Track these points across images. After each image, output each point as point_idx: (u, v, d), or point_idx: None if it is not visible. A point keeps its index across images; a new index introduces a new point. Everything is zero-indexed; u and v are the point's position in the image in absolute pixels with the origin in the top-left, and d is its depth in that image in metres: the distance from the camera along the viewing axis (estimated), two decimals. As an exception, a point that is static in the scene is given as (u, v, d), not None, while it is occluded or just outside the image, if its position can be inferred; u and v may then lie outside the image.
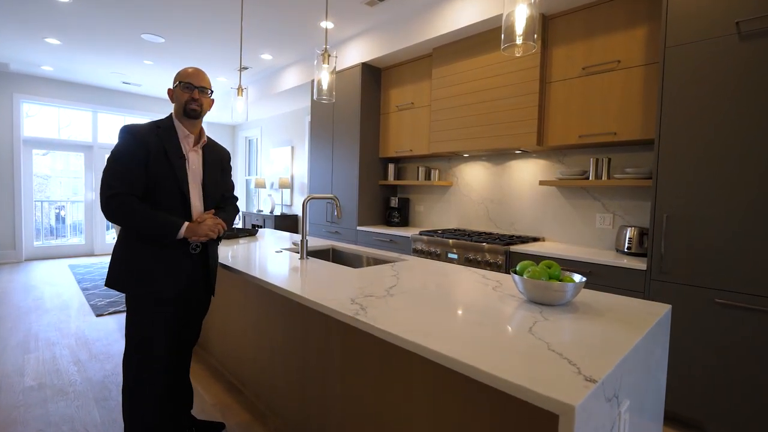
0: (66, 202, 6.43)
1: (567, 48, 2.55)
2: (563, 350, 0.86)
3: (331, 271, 1.63)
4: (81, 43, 4.41)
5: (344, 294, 1.28)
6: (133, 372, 1.46)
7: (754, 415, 1.73)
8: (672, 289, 1.94)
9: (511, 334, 0.95)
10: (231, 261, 1.81)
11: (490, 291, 1.37)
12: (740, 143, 1.75)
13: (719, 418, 1.82)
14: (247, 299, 2.18)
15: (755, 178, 1.71)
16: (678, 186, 1.92)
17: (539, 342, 0.90)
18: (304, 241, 1.89)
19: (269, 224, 5.92)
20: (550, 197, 2.94)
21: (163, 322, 1.47)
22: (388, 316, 1.05)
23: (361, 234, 3.73)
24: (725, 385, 1.80)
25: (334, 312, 1.10)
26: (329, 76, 1.98)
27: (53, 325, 3.17)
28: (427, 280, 1.53)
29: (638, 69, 2.26)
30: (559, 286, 1.16)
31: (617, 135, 2.34)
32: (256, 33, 3.98)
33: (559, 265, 1.24)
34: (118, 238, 1.48)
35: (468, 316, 1.08)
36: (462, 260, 2.79)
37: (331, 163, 4.11)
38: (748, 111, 1.73)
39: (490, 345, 0.88)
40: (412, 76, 3.57)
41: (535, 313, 1.13)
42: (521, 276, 1.24)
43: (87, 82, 6.05)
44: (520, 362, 0.79)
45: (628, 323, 1.06)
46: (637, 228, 2.33)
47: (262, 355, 2.05)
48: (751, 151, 1.72)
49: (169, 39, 4.21)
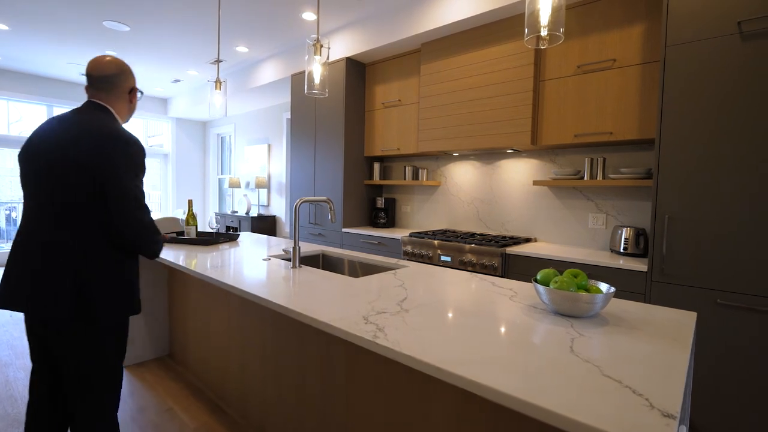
0: (18, 203, 5.91)
1: (562, 45, 2.50)
2: (620, 375, 0.76)
3: (331, 282, 1.49)
4: (33, 29, 4.01)
5: (353, 310, 1.14)
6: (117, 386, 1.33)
7: (758, 417, 1.73)
8: (674, 291, 1.92)
9: (553, 355, 0.85)
10: (215, 272, 1.63)
11: (507, 301, 1.28)
12: (743, 143, 1.74)
13: (722, 420, 1.81)
14: (229, 305, 2.00)
15: (758, 179, 1.70)
16: (679, 186, 1.89)
17: (588, 365, 0.81)
18: (297, 248, 1.73)
19: (245, 226, 5.65)
20: (542, 197, 2.90)
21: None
22: (412, 339, 0.93)
23: (347, 236, 3.58)
24: (728, 387, 1.79)
25: (350, 335, 0.97)
26: (321, 68, 1.83)
27: (5, 343, 2.84)
28: (437, 290, 1.41)
29: (635, 68, 2.24)
30: (589, 298, 1.07)
31: (613, 135, 2.32)
32: (231, 23, 3.74)
33: (585, 274, 1.15)
34: (109, 261, 1.25)
35: (498, 335, 0.97)
36: (456, 263, 2.71)
37: (314, 162, 3.94)
38: (750, 111, 1.72)
39: (536, 372, 0.77)
40: (399, 73, 3.45)
41: (566, 327, 1.03)
42: (546, 286, 1.15)
43: (40, 72, 5.56)
44: (579, 394, 0.69)
45: (668, 337, 0.98)
46: (632, 228, 2.31)
47: (250, 369, 1.88)
48: (754, 151, 1.71)
49: (134, 27, 3.90)
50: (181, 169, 7.28)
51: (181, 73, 5.41)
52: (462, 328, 1.01)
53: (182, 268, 1.75)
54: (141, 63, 4.99)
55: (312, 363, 1.52)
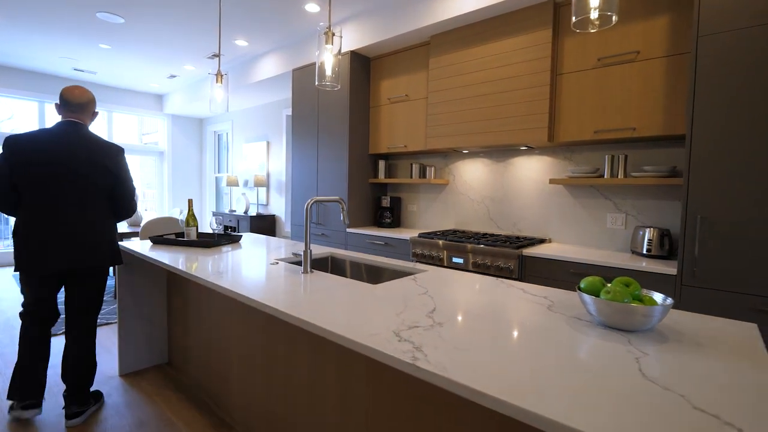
0: (8, 203, 5.72)
1: (580, 37, 2.39)
2: (714, 408, 0.65)
3: (349, 290, 1.37)
4: (23, 21, 3.84)
5: (382, 324, 1.02)
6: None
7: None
8: (706, 296, 1.82)
9: (625, 382, 0.74)
10: (222, 279, 1.51)
11: (546, 312, 1.16)
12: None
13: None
14: (232, 310, 1.87)
15: (799, 177, 1.60)
16: (713, 185, 1.79)
17: (670, 394, 0.69)
18: (308, 252, 1.61)
19: (244, 225, 5.51)
20: (557, 196, 2.79)
21: None
22: (457, 361, 0.81)
23: (352, 236, 3.46)
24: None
25: (384, 356, 0.85)
26: (333, 58, 1.71)
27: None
28: (465, 298, 1.30)
29: (659, 60, 2.13)
30: (646, 311, 0.96)
31: (636, 131, 2.21)
32: (230, 15, 3.59)
33: (637, 283, 1.04)
34: (96, 219, 1.89)
35: (552, 355, 0.86)
36: (468, 265, 2.59)
37: (316, 160, 3.80)
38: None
39: (615, 404, 0.66)
40: (406, 67, 3.33)
41: (624, 344, 0.92)
42: (594, 296, 1.04)
43: (31, 67, 5.38)
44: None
45: (741, 354, 0.87)
46: (656, 229, 2.21)
47: (256, 381, 1.75)
48: (795, 148, 1.61)
49: (129, 19, 3.74)
50: (177, 168, 7.12)
51: (178, 69, 5.24)
52: (507, 347, 0.89)
53: (185, 274, 1.62)
54: (136, 57, 4.83)
55: (325, 375, 1.40)
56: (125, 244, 2.26)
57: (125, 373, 2.40)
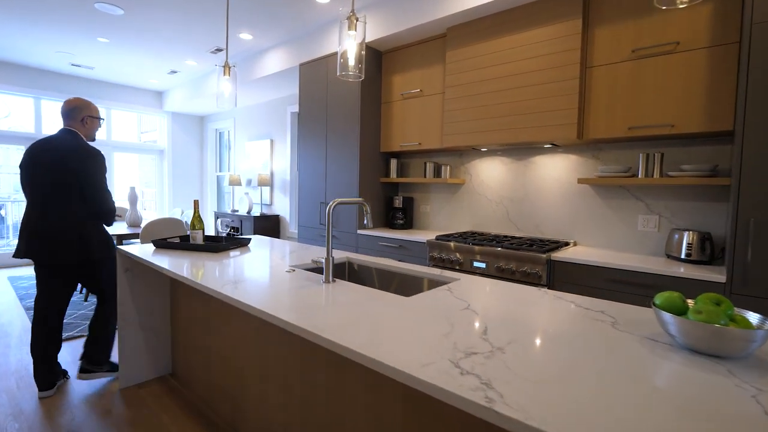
0: (6, 200, 5.56)
1: (613, 28, 2.24)
2: None
3: (380, 304, 1.22)
4: (17, 14, 3.67)
5: (432, 350, 0.87)
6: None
7: None
8: (760, 305, 1.67)
9: (750, 428, 0.59)
10: (235, 291, 1.36)
11: (612, 331, 1.02)
12: None
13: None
14: (243, 320, 1.72)
15: None
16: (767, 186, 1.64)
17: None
18: (330, 259, 1.46)
19: (247, 226, 5.36)
20: (583, 197, 2.64)
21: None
22: (540, 400, 0.66)
23: (363, 238, 3.31)
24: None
25: (450, 396, 0.70)
26: (357, 46, 1.55)
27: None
28: (514, 314, 1.15)
29: (702, 51, 1.98)
30: (747, 335, 0.81)
31: (675, 127, 2.06)
32: (235, 7, 3.43)
33: (729, 301, 0.90)
34: (67, 221, 2.04)
35: (644, 389, 0.71)
36: (492, 270, 2.45)
37: (325, 159, 3.65)
38: None
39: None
40: (420, 60, 3.17)
41: (724, 375, 0.77)
42: (677, 316, 0.89)
43: (27, 62, 5.20)
44: None
45: None
46: (695, 232, 2.06)
47: (272, 400, 1.60)
48: None
49: (129, 11, 3.57)
50: (178, 166, 6.95)
51: (179, 64, 5.08)
52: (589, 379, 0.75)
53: (195, 284, 1.47)
54: (135, 52, 4.66)
55: (349, 393, 1.25)
56: (126, 248, 2.10)
57: (127, 386, 2.25)
